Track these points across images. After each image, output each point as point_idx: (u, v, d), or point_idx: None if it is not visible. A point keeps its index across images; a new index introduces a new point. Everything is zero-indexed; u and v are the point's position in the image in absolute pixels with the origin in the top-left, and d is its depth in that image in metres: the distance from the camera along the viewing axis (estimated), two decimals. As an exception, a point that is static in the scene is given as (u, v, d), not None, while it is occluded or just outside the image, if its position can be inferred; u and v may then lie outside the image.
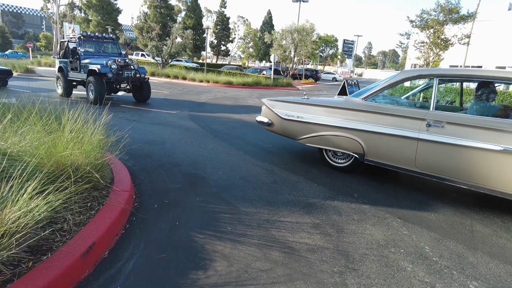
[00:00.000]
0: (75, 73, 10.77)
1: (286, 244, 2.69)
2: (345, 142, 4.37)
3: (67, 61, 11.16)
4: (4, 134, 3.16)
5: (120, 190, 3.22)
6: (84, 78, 10.25)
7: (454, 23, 17.52)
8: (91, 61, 10.24)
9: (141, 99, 10.94)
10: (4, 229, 1.91)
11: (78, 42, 10.80)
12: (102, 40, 11.56)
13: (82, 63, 10.44)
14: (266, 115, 5.34)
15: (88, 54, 10.84)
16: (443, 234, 3.06)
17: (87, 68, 10.10)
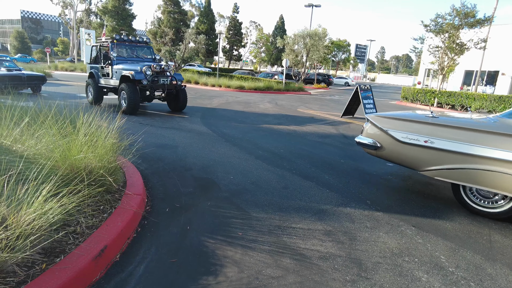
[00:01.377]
0: (106, 80, 10.16)
1: (298, 251, 2.66)
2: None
3: (98, 67, 10.55)
4: (22, 137, 3.23)
5: (132, 193, 3.24)
6: (116, 85, 9.59)
7: (470, 27, 17.19)
8: (124, 66, 9.53)
9: (176, 108, 10.15)
10: (20, 231, 1.94)
11: (110, 46, 10.01)
12: (136, 44, 10.76)
13: (114, 69, 9.75)
14: (372, 135, 4.29)
15: (121, 59, 10.04)
16: (459, 243, 2.97)
17: (119, 74, 9.39)
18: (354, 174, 4.82)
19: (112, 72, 9.82)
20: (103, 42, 10.60)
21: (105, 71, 10.14)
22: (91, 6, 45.50)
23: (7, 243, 1.88)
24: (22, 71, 12.80)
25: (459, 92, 17.18)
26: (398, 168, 5.31)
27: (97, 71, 10.52)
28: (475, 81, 23.90)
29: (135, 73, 8.89)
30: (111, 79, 9.91)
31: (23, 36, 57.16)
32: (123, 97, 9.13)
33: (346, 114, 11.45)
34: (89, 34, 37.12)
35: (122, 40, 10.35)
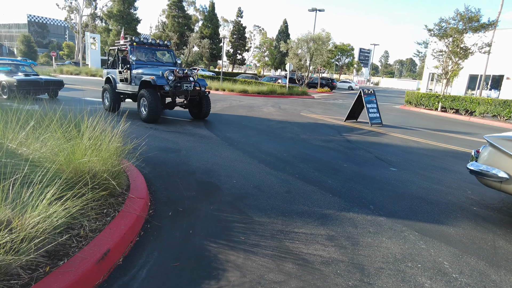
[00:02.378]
0: (124, 85, 9.47)
1: (300, 256, 2.65)
2: None
3: (115, 72, 9.88)
4: (27, 141, 3.26)
5: (136, 197, 3.26)
6: (135, 91, 8.95)
7: (474, 32, 17.16)
8: (144, 71, 8.87)
9: (199, 116, 9.50)
10: (24, 234, 1.96)
11: (129, 50, 9.34)
12: (156, 47, 10.12)
13: (133, 74, 9.10)
14: (496, 163, 3.48)
15: (140, 63, 9.40)
16: (463, 249, 2.95)
17: (139, 79, 8.73)
18: (357, 179, 4.81)
19: (131, 77, 9.19)
20: (121, 45, 9.99)
21: (123, 76, 9.48)
22: (96, 10, 45.91)
23: (12, 246, 1.90)
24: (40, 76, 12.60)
25: (464, 96, 17.10)
26: (401, 174, 5.30)
27: (115, 76, 9.91)
28: (479, 85, 23.79)
29: (157, 78, 8.19)
30: (129, 85, 9.28)
31: (29, 40, 57.79)
32: (143, 104, 8.45)
33: (349, 118, 11.44)
34: (94, 38, 37.49)
35: (142, 43, 9.73)
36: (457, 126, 12.49)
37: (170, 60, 10.39)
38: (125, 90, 9.55)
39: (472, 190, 4.67)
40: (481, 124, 14.02)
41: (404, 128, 10.64)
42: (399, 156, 6.53)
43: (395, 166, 5.73)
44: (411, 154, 6.78)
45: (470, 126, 13.10)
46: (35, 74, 12.44)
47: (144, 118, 8.41)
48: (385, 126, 10.84)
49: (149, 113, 8.20)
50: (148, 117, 8.25)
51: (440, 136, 9.55)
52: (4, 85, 11.19)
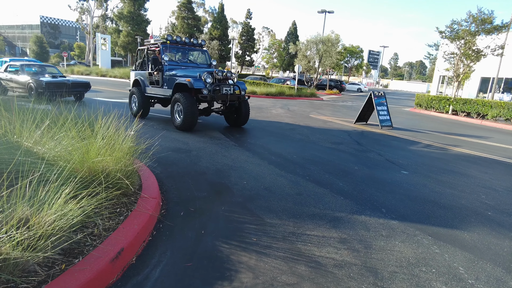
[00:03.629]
0: (155, 88, 8.67)
1: (313, 258, 2.64)
2: None
3: (145, 73, 9.05)
4: (42, 139, 3.31)
5: (148, 197, 3.28)
6: (168, 95, 8.18)
7: (487, 34, 16.92)
8: (178, 73, 8.11)
9: (237, 123, 8.65)
10: (41, 231, 1.98)
11: (161, 49, 8.55)
12: (190, 47, 9.31)
13: (166, 76, 8.29)
14: None
15: (173, 64, 8.61)
16: (478, 254, 2.90)
17: (173, 82, 7.95)
18: (369, 182, 4.77)
19: (162, 80, 8.38)
20: (151, 45, 9.13)
21: (153, 78, 8.67)
22: (107, 11, 46.50)
23: (30, 243, 1.93)
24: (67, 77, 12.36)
25: (476, 99, 16.86)
26: (412, 177, 5.24)
27: (144, 78, 9.11)
28: (491, 88, 23.43)
29: (194, 81, 7.33)
30: (161, 88, 8.46)
31: (41, 41, 58.68)
32: (177, 109, 7.66)
33: (359, 121, 11.36)
34: (105, 39, 37.98)
35: (175, 42, 8.85)
36: (468, 130, 12.31)
37: (204, 61, 9.52)
38: (155, 94, 8.72)
39: (487, 195, 4.60)
40: (494, 128, 13.80)
41: (414, 131, 10.52)
42: (410, 159, 6.46)
43: (406, 169, 5.67)
44: (422, 157, 6.70)
45: (482, 129, 12.90)
46: (62, 76, 12.18)
47: (178, 125, 7.57)
48: (396, 128, 10.74)
49: (184, 120, 7.31)
50: (183, 124, 7.40)
51: (452, 140, 9.42)
52: (32, 86, 10.88)
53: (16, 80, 11.58)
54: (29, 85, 10.94)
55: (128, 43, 42.27)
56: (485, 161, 6.90)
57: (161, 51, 8.55)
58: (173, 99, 7.71)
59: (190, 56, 9.44)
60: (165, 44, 8.66)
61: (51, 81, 10.87)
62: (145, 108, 9.02)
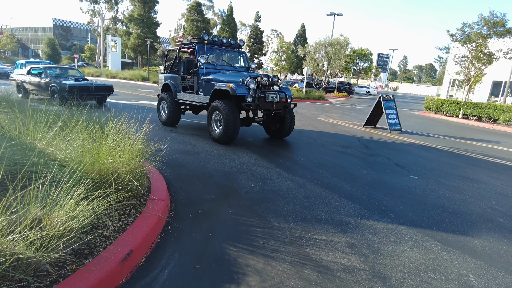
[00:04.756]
0: (189, 94, 7.75)
1: (320, 263, 2.63)
2: None
3: (176, 77, 8.22)
4: (54, 141, 3.37)
5: (157, 198, 3.31)
6: (204, 102, 7.28)
7: (499, 37, 16.68)
8: (216, 77, 7.22)
9: (279, 134, 7.65)
10: (54, 232, 2.02)
11: (197, 50, 7.59)
12: (228, 48, 8.35)
13: (202, 80, 7.33)
14: None
15: (210, 67, 7.66)
16: (489, 262, 2.86)
17: (210, 88, 6.99)
18: (377, 186, 4.74)
19: (198, 85, 7.44)
20: (184, 45, 8.26)
21: (187, 83, 7.78)
22: (117, 14, 47.12)
23: (42, 243, 1.97)
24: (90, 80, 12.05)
25: (487, 103, 16.62)
26: (421, 182, 5.19)
27: (175, 82, 8.26)
28: (503, 92, 23.07)
29: (236, 87, 6.41)
30: (196, 94, 7.53)
31: (54, 43, 59.77)
32: (216, 119, 6.79)
33: (368, 124, 11.30)
34: (115, 41, 38.46)
35: (212, 42, 7.86)
36: (479, 134, 12.14)
37: (242, 64, 8.52)
38: (189, 101, 7.81)
39: (498, 201, 4.53)
40: (506, 132, 13.58)
41: (424, 135, 10.42)
42: (419, 163, 6.40)
43: (415, 173, 5.61)
44: (431, 162, 6.63)
45: (493, 134, 12.71)
46: (84, 79, 11.91)
47: (217, 137, 6.67)
48: (405, 132, 10.65)
49: (225, 131, 6.40)
50: (223, 137, 6.50)
51: (462, 144, 9.31)
52: (55, 90, 10.61)
53: (38, 83, 11.37)
54: (52, 88, 10.73)
55: (138, 45, 42.71)
56: (497, 166, 6.79)
57: (196, 52, 7.61)
58: (211, 108, 6.79)
59: (227, 58, 8.42)
60: (201, 44, 7.69)
61: (74, 85, 10.58)
62: (176, 115, 8.22)
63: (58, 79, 11.01)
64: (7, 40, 65.09)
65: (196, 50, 7.63)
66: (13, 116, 4.19)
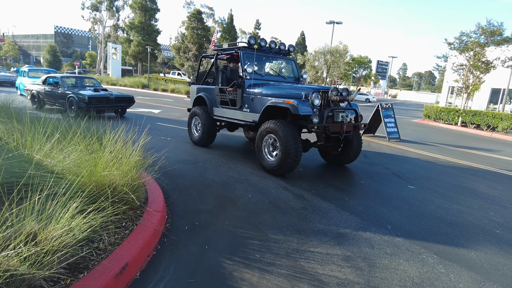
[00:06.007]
0: (230, 110, 6.51)
1: (316, 276, 2.63)
2: None
3: (212, 89, 6.98)
4: (52, 152, 3.39)
5: (153, 210, 3.32)
6: (251, 121, 5.99)
7: (496, 45, 16.81)
8: (264, 90, 5.83)
9: (343, 160, 6.25)
10: (48, 247, 2.03)
11: (242, 57, 6.26)
12: (277, 55, 6.99)
13: (248, 94, 6.04)
14: None
15: (257, 78, 6.26)
16: (485, 275, 2.86)
17: (261, 104, 5.73)
18: (375, 197, 4.75)
19: (242, 99, 6.16)
20: (223, 51, 6.93)
21: (227, 97, 6.59)
22: (119, 21, 47.50)
23: (37, 258, 1.97)
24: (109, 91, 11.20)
25: (485, 111, 16.68)
26: (419, 192, 5.19)
27: (211, 95, 7.03)
28: (502, 99, 23.16)
29: (298, 104, 5.01)
30: (239, 110, 6.26)
31: (55, 50, 60.14)
32: (269, 143, 5.49)
33: (366, 133, 11.32)
34: (116, 48, 38.68)
35: (260, 47, 6.53)
36: (478, 142, 12.16)
37: (291, 73, 7.13)
38: (229, 118, 6.54)
39: (495, 212, 4.53)
40: (504, 141, 13.61)
41: (422, 144, 10.44)
42: (417, 173, 6.41)
43: (413, 183, 5.62)
44: (430, 171, 6.64)
45: (492, 142, 12.73)
46: (104, 89, 11.16)
47: (271, 167, 5.33)
48: (403, 141, 10.67)
49: (284, 160, 5.06)
50: (280, 167, 5.15)
51: (460, 153, 9.32)
52: (73, 101, 9.99)
53: (55, 93, 10.78)
54: (70, 99, 10.10)
55: (139, 53, 42.98)
56: (494, 175, 6.80)
57: (241, 60, 6.27)
58: (263, 129, 5.44)
59: (274, 66, 7.19)
60: (247, 50, 6.42)
61: (94, 95, 9.91)
62: (211, 134, 7.08)
63: (76, 89, 10.44)
64: (8, 47, 65.53)
65: (241, 57, 6.29)
66: (11, 126, 4.22)
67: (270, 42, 6.69)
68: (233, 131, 7.96)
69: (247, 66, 6.10)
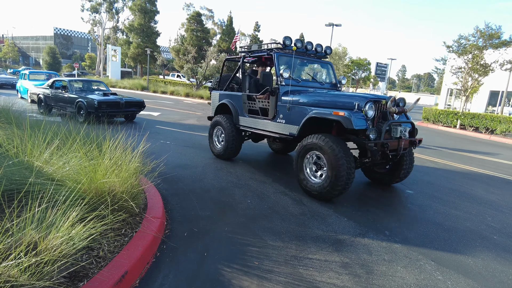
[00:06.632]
0: (260, 121, 5.72)
1: (314, 283, 2.65)
2: None
3: (239, 96, 6.22)
4: (51, 159, 3.41)
5: (153, 217, 3.33)
6: (287, 134, 5.20)
7: (494, 49, 16.89)
8: (305, 98, 5.05)
9: (392, 179, 5.44)
10: (48, 257, 2.04)
11: (276, 60, 5.50)
12: (309, 57, 6.14)
13: (284, 102, 5.22)
14: None
15: (296, 84, 5.51)
16: (482, 282, 2.88)
17: (301, 114, 4.93)
18: (373, 202, 4.77)
19: (276, 108, 5.36)
20: (251, 53, 6.16)
21: (256, 105, 5.89)
22: (118, 23, 47.59)
23: (37, 268, 1.99)
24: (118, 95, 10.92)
25: (484, 114, 16.74)
26: (417, 197, 5.22)
27: (237, 103, 6.29)
28: (501, 102, 23.23)
29: (351, 116, 4.26)
30: (272, 121, 5.45)
31: (54, 51, 60.05)
32: (311, 161, 4.71)
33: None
34: (115, 50, 38.71)
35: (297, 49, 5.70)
36: (476, 146, 12.20)
37: (328, 79, 6.34)
38: (260, 129, 5.77)
39: (493, 217, 4.56)
40: (503, 144, 13.65)
41: (421, 147, 10.47)
42: (416, 177, 6.43)
43: (411, 188, 5.65)
44: (428, 176, 6.66)
45: (490, 145, 12.77)
46: (113, 93, 10.84)
47: (315, 190, 4.54)
48: (402, 144, 10.68)
49: (333, 182, 4.26)
50: (329, 190, 4.35)
51: (459, 156, 9.36)
52: (82, 105, 9.69)
53: (63, 97, 10.49)
54: (79, 104, 9.79)
55: (138, 55, 43.03)
56: (493, 179, 6.83)
57: (275, 62, 5.51)
58: (304, 145, 4.68)
59: (310, 70, 6.34)
60: (281, 52, 5.67)
61: (103, 100, 9.60)
62: (237, 146, 6.36)
63: (85, 94, 10.17)
64: (8, 48, 65.53)
65: (275, 60, 5.53)
66: (10, 131, 4.24)
67: (307, 43, 5.92)
68: (257, 142, 7.22)
69: (283, 70, 5.24)
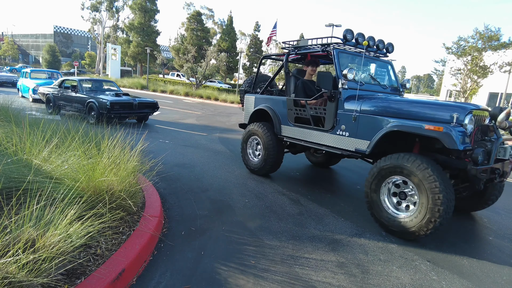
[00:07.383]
0: (313, 132, 4.77)
1: (309, 283, 2.67)
2: None
3: (283, 101, 5.29)
4: (50, 158, 3.42)
5: (150, 215, 3.35)
6: (354, 151, 4.19)
7: (494, 50, 16.96)
8: (374, 107, 4.05)
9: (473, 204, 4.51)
10: (46, 254, 2.06)
11: (336, 58, 4.51)
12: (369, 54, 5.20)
13: (349, 111, 4.25)
14: None
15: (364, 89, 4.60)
16: (477, 283, 2.91)
17: (375, 126, 3.95)
18: (370, 202, 4.79)
19: (335, 117, 4.40)
20: (300, 49, 5.23)
21: (307, 112, 4.85)
22: (118, 22, 47.55)
23: (34, 265, 2.01)
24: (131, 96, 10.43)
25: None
26: (415, 197, 5.24)
27: (279, 109, 5.36)
28: (500, 103, 23.29)
29: (453, 132, 3.26)
30: (330, 133, 4.50)
31: (54, 49, 60.07)
32: (394, 189, 3.77)
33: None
34: (115, 49, 38.70)
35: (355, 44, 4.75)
36: (475, 147, 12.22)
37: (388, 81, 5.33)
38: (311, 142, 4.84)
39: (488, 218, 4.58)
40: (501, 145, 13.68)
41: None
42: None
43: (409, 189, 5.66)
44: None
45: (488, 147, 12.79)
46: (126, 94, 10.38)
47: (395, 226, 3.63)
48: (400, 145, 10.71)
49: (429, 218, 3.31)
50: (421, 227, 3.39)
51: (457, 158, 9.37)
52: (93, 106, 9.33)
53: (73, 98, 10.15)
54: (89, 104, 9.45)
55: (138, 54, 43.03)
56: (490, 181, 6.85)
57: (335, 61, 4.52)
58: (381, 167, 3.74)
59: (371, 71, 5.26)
60: (342, 49, 4.75)
61: (116, 101, 9.20)
62: (278, 159, 5.48)
63: (96, 94, 9.82)
64: (7, 46, 65.44)
65: (334, 58, 4.54)
66: (9, 130, 4.25)
67: (368, 38, 4.81)
68: (296, 153, 6.14)
69: (347, 70, 4.19)
